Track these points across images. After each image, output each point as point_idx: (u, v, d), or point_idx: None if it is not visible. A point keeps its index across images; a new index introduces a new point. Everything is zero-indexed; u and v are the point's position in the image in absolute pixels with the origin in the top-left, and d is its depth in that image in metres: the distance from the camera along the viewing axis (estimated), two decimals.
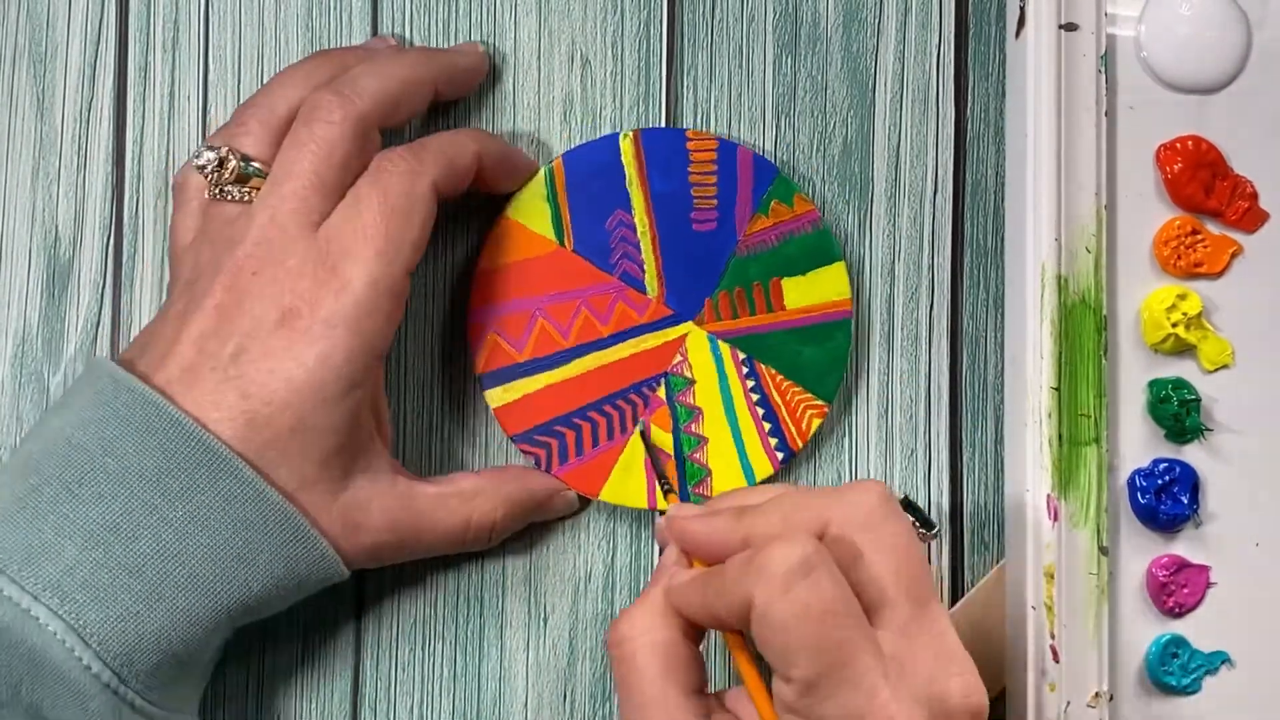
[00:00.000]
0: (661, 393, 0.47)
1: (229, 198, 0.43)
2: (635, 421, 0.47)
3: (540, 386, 0.47)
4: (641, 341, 0.48)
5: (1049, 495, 0.45)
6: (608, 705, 0.48)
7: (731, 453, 0.47)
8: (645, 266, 0.48)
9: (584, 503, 0.48)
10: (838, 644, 0.36)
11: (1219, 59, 0.49)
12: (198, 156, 0.43)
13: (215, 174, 0.43)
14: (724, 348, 0.48)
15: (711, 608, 0.38)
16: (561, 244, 0.47)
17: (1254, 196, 0.49)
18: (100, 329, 0.48)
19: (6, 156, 0.49)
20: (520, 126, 0.49)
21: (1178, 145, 0.48)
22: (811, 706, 0.36)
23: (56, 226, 0.49)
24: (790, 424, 0.48)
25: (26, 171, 0.49)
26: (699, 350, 0.48)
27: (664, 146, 0.47)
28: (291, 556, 0.41)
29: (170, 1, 0.49)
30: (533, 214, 0.47)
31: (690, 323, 0.48)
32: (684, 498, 0.47)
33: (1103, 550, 0.46)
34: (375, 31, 0.49)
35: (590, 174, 0.47)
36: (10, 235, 0.48)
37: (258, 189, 0.43)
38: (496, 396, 0.47)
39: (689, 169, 0.48)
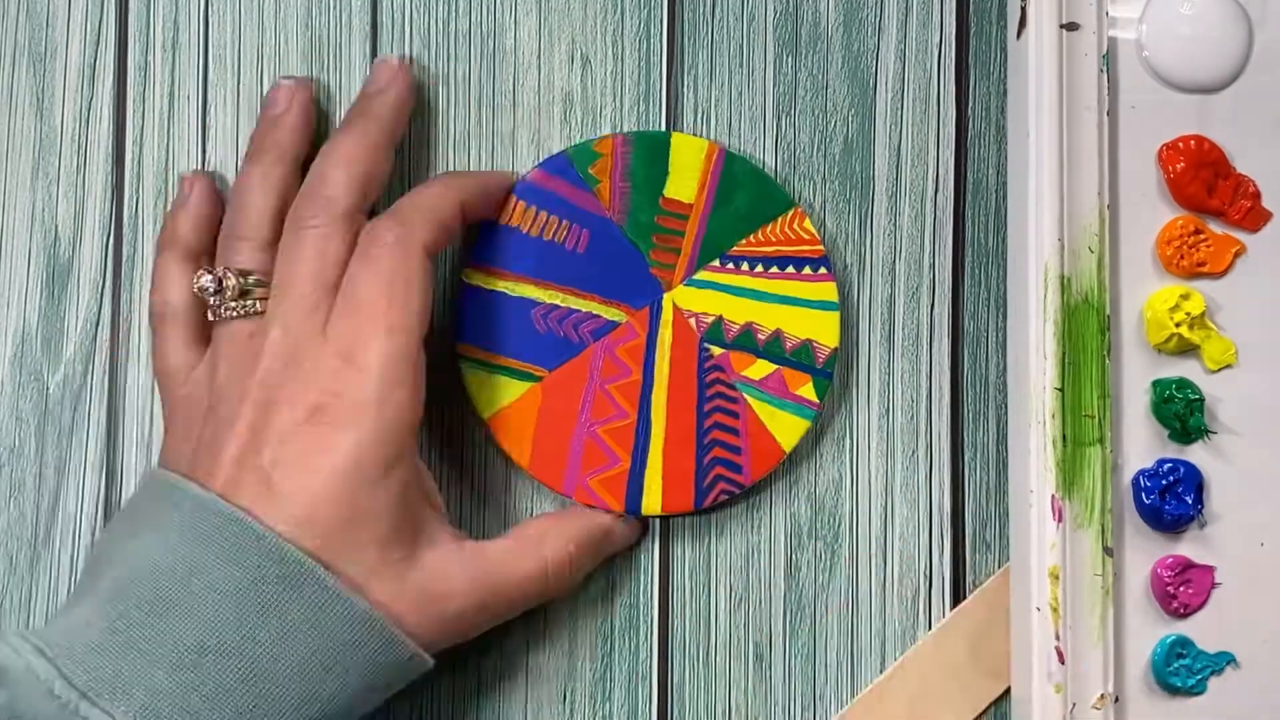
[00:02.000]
0: (716, 349, 0.47)
1: (234, 315, 0.43)
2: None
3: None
4: (664, 348, 0.47)
5: (1053, 496, 0.45)
6: (608, 705, 0.48)
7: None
8: (590, 311, 0.47)
9: (645, 526, 0.48)
10: None
11: (1221, 58, 0.49)
12: (196, 281, 0.44)
13: (217, 296, 0.44)
14: (708, 278, 0.48)
15: None
16: (538, 380, 0.47)
17: (1257, 196, 0.48)
18: (100, 329, 0.48)
19: (6, 156, 0.49)
20: (520, 126, 0.49)
21: (1180, 145, 0.48)
22: None
23: (56, 226, 0.49)
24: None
25: (26, 171, 0.49)
26: (690, 298, 0.48)
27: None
28: (379, 662, 0.41)
29: (170, 1, 0.49)
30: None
31: (663, 295, 0.48)
32: None
33: (1107, 551, 0.45)
34: (375, 32, 0.49)
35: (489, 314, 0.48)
36: (10, 235, 0.49)
37: (261, 298, 0.43)
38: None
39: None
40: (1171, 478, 0.47)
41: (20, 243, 0.49)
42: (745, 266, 0.48)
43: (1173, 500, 0.47)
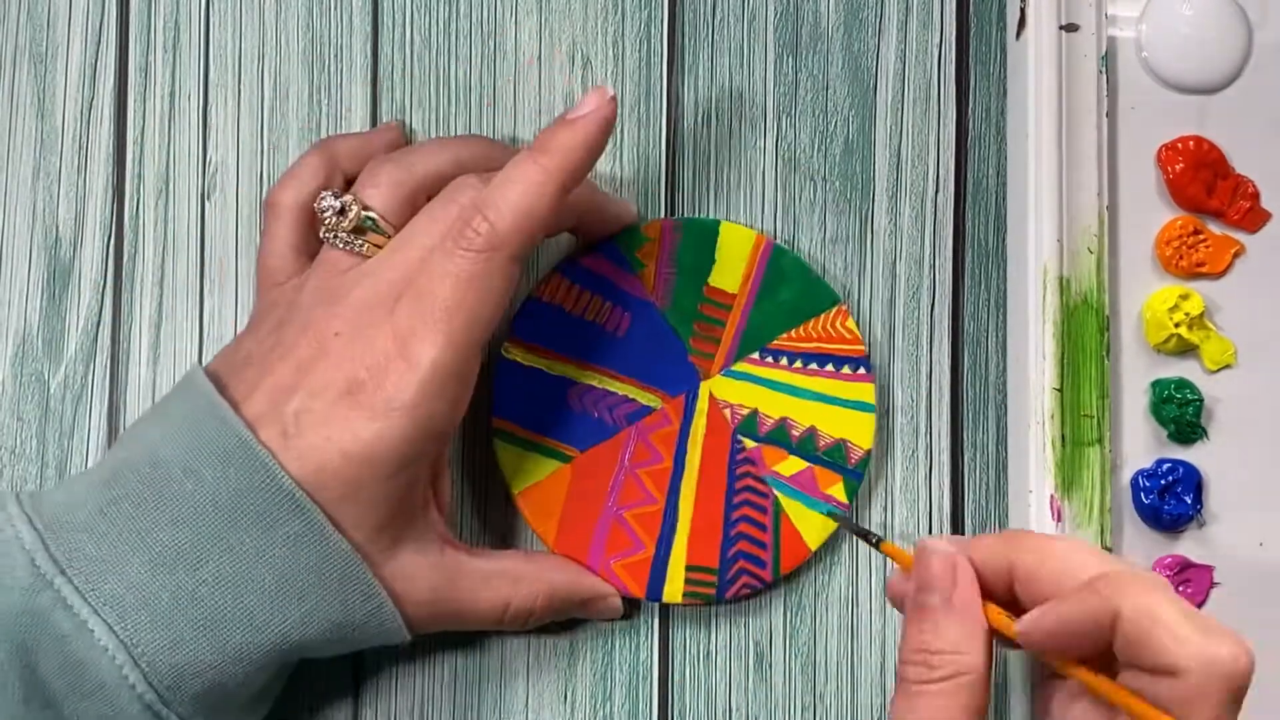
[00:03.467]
0: (749, 442, 0.47)
1: (342, 246, 0.43)
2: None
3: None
4: (697, 437, 0.47)
5: (1052, 496, 0.45)
6: (608, 705, 0.48)
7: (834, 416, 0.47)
8: (627, 395, 0.47)
9: (629, 606, 0.47)
10: None
11: (1220, 59, 0.49)
12: (321, 199, 0.43)
13: (335, 219, 0.43)
14: (746, 370, 0.47)
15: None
16: (570, 460, 0.47)
17: (1256, 196, 0.48)
18: (100, 329, 0.48)
19: (7, 156, 0.49)
20: (521, 127, 0.49)
21: (1179, 145, 0.48)
22: None
23: (56, 226, 0.49)
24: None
25: (27, 171, 0.49)
26: (727, 389, 0.47)
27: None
28: (349, 602, 0.41)
29: (171, 2, 0.49)
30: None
31: (700, 384, 0.47)
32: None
33: (1106, 551, 0.45)
34: (375, 32, 0.49)
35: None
36: (10, 235, 0.49)
37: (374, 244, 0.43)
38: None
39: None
40: (1170, 478, 0.47)
41: (21, 243, 0.49)
42: (784, 361, 0.47)
43: (1172, 500, 0.47)
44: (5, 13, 0.49)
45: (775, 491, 0.47)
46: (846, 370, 0.47)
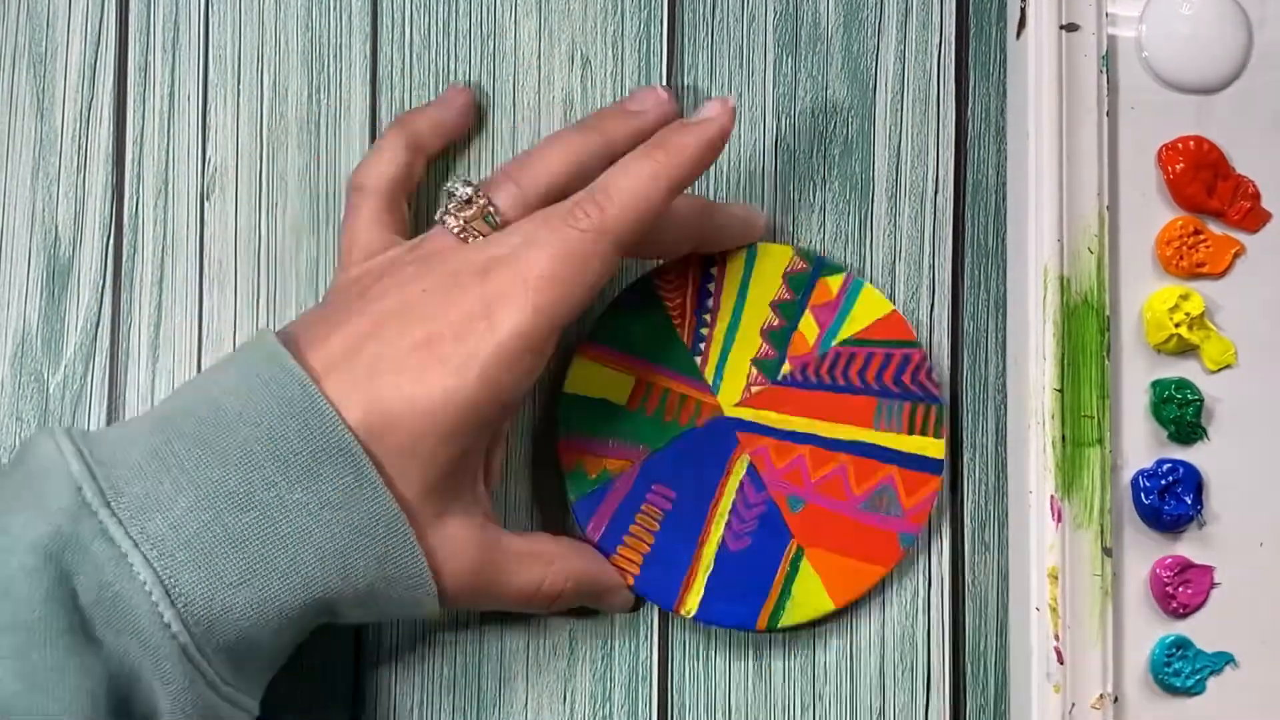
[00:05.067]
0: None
1: (457, 228, 0.43)
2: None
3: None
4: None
5: (1052, 496, 0.45)
6: (608, 705, 0.48)
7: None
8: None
9: (638, 603, 0.48)
10: None
11: (1220, 59, 0.49)
12: (454, 186, 0.44)
13: (462, 208, 0.43)
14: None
15: None
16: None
17: (1256, 196, 0.48)
18: (100, 329, 0.48)
19: (6, 156, 0.49)
20: (520, 127, 0.49)
21: (1179, 145, 0.48)
22: None
23: (56, 226, 0.49)
24: None
25: (26, 171, 0.49)
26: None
27: None
28: (390, 564, 0.40)
29: (170, 1, 0.49)
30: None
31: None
32: None
33: (1106, 551, 0.45)
34: (375, 32, 0.49)
35: None
36: (10, 235, 0.49)
37: (483, 234, 0.43)
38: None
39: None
40: (1171, 478, 0.47)
41: (20, 243, 0.49)
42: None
43: (1172, 500, 0.47)
44: (5, 12, 0.49)
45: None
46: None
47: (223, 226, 0.49)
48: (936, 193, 0.50)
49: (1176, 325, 0.47)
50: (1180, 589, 0.47)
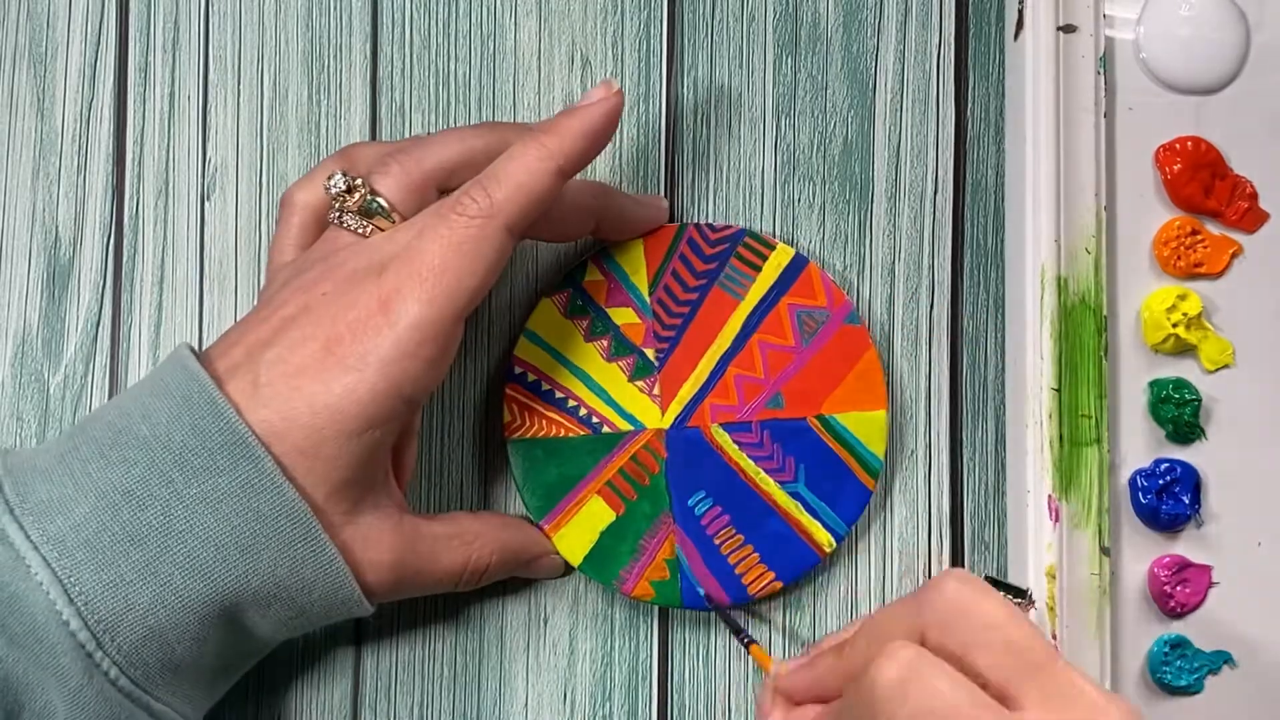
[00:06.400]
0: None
1: (346, 226, 0.43)
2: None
3: None
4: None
5: (1050, 496, 0.45)
6: (608, 705, 0.48)
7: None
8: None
9: (568, 569, 0.48)
10: None
11: (1218, 60, 0.49)
12: (330, 178, 0.43)
13: (341, 198, 0.43)
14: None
15: None
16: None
17: (1253, 197, 0.49)
18: (100, 329, 0.48)
19: (6, 157, 0.49)
20: None
21: (1177, 146, 0.48)
22: None
23: (56, 226, 0.49)
24: None
25: (26, 172, 0.49)
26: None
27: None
28: (297, 557, 0.41)
29: (170, 2, 0.49)
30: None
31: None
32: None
33: (1104, 551, 0.46)
34: (375, 32, 0.49)
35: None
36: (10, 235, 0.49)
37: (379, 229, 0.43)
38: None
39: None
40: (1169, 477, 0.47)
41: (21, 243, 0.48)
42: None
43: (1170, 500, 0.47)
44: (5, 12, 0.49)
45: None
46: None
47: (223, 226, 0.49)
48: (935, 193, 0.50)
49: (1174, 325, 0.47)
50: (1178, 588, 0.47)
